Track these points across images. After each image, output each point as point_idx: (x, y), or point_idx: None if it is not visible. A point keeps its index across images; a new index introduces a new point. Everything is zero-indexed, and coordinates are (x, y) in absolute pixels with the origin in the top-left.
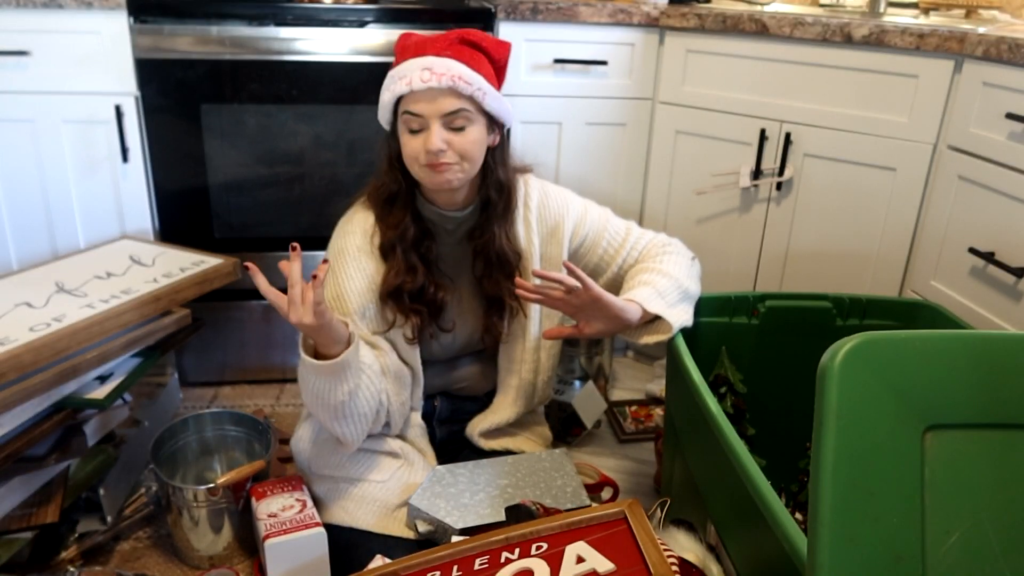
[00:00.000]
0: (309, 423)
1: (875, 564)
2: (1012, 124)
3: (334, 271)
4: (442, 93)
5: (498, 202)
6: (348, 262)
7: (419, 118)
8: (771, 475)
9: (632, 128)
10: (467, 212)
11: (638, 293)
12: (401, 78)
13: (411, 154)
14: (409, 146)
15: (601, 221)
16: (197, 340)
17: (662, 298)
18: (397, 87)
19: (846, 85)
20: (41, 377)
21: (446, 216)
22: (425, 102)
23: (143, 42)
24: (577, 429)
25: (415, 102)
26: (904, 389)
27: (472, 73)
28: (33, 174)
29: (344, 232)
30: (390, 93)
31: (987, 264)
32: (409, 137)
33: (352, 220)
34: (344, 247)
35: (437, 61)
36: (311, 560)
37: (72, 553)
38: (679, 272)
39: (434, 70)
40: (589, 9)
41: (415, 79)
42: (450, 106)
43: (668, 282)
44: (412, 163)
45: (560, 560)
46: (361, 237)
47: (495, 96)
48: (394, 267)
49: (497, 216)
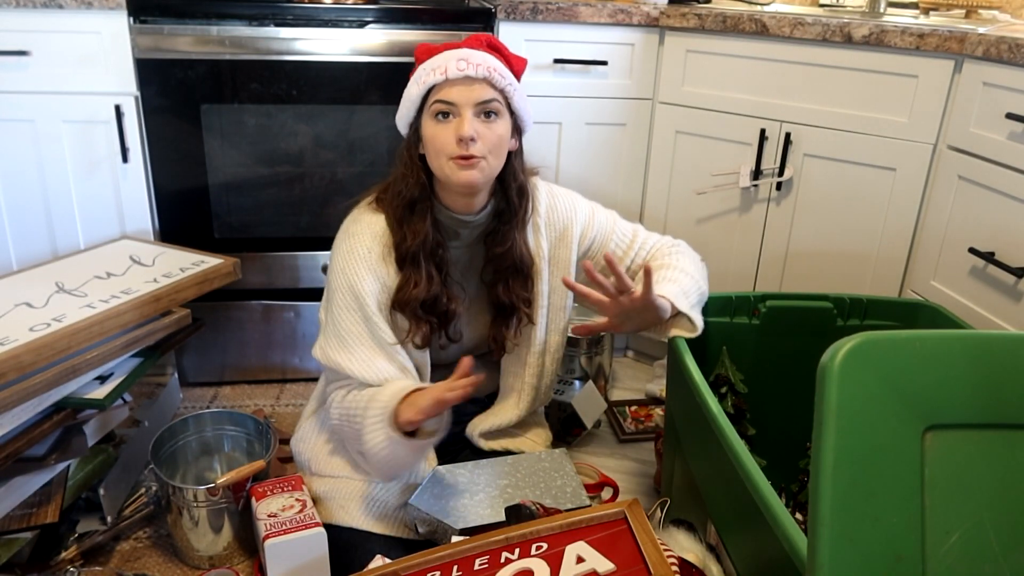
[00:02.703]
0: (309, 423)
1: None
2: (1012, 124)
3: (344, 272)
4: (477, 82)
5: (518, 207)
6: (359, 264)
7: (451, 105)
8: (771, 475)
9: (632, 128)
10: (481, 217)
11: (668, 289)
12: (435, 68)
13: (439, 145)
14: (439, 136)
15: (609, 223)
16: (197, 340)
17: (687, 297)
18: (430, 77)
19: (846, 85)
20: (41, 377)
21: (460, 220)
22: (460, 89)
23: (143, 42)
24: (577, 429)
25: (448, 91)
26: (904, 389)
27: (505, 69)
28: (33, 174)
29: (352, 234)
30: (420, 85)
31: (987, 264)
32: (438, 126)
33: (359, 222)
34: (354, 249)
35: (473, 53)
36: (311, 560)
37: (72, 553)
38: (696, 272)
39: (470, 60)
40: (589, 9)
41: (451, 67)
42: (484, 95)
43: (689, 281)
44: (439, 156)
45: (560, 560)
46: (371, 240)
47: (523, 96)
48: (412, 276)
49: (517, 222)
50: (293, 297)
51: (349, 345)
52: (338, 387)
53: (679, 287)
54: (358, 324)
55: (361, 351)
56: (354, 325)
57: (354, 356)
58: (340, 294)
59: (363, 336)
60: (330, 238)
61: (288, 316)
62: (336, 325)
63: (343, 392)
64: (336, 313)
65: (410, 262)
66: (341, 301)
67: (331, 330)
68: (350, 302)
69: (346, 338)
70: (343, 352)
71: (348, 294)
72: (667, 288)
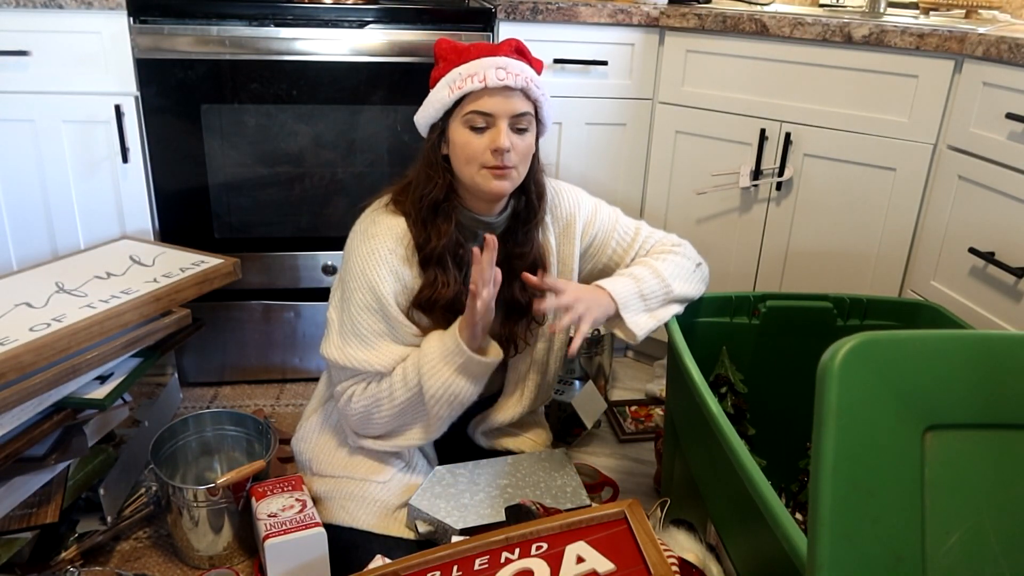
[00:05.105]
0: (309, 423)
1: (875, 564)
2: (1012, 124)
3: (364, 274)
4: (515, 93)
5: (537, 209)
6: (380, 265)
7: (487, 116)
8: (771, 475)
9: (632, 128)
10: (501, 218)
11: (618, 286)
12: (472, 75)
13: (472, 154)
14: (472, 145)
15: (611, 220)
16: (197, 340)
17: (643, 300)
18: (467, 84)
19: (846, 85)
20: (41, 377)
21: (481, 222)
22: (498, 99)
23: (143, 42)
24: (577, 429)
25: (486, 100)
26: (904, 389)
27: (538, 78)
28: (33, 174)
29: (371, 235)
30: (454, 90)
31: (987, 264)
32: (472, 136)
33: (378, 223)
34: (376, 250)
35: (511, 62)
36: (311, 560)
37: (72, 553)
38: (675, 275)
39: (509, 70)
40: (589, 9)
41: (491, 76)
42: (521, 107)
43: (654, 284)
44: (470, 164)
45: (560, 560)
46: (393, 241)
47: (551, 104)
48: (437, 277)
49: (536, 222)
50: (293, 297)
51: (371, 343)
52: (353, 383)
53: (636, 287)
54: (379, 323)
55: (384, 346)
56: (376, 324)
57: (378, 352)
58: (360, 294)
59: (384, 334)
60: (330, 238)
61: (288, 316)
62: (355, 325)
63: (361, 386)
64: (355, 313)
65: (436, 263)
66: (361, 301)
67: (349, 329)
68: (370, 302)
69: (367, 336)
70: (366, 350)
71: (369, 295)
72: (619, 285)
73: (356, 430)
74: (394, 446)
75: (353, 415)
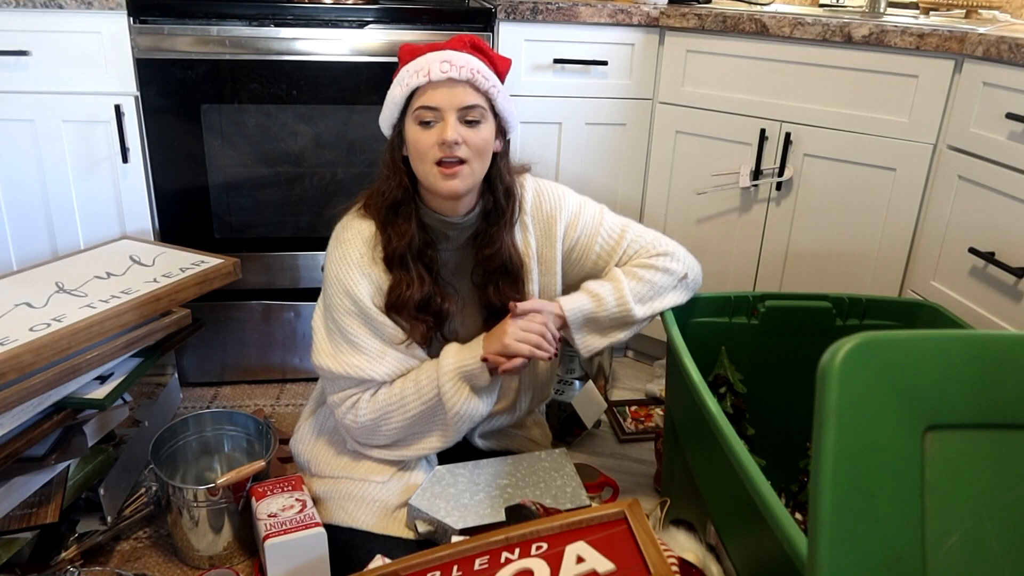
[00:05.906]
0: (308, 424)
1: (875, 564)
2: (1012, 124)
3: (339, 279)
4: (460, 85)
5: (505, 209)
6: (352, 269)
7: (434, 111)
8: (771, 475)
9: (632, 128)
10: (469, 218)
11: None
12: (418, 71)
13: (423, 150)
14: (422, 141)
15: (595, 221)
16: (197, 340)
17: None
18: (413, 80)
19: (846, 85)
20: (41, 377)
21: (448, 223)
22: (443, 92)
23: (143, 42)
24: (577, 429)
25: (432, 94)
26: (904, 389)
27: (488, 71)
28: (33, 174)
29: (343, 240)
30: (403, 88)
31: (987, 264)
32: (421, 132)
33: (349, 228)
34: (346, 255)
35: (456, 55)
36: (311, 560)
37: (72, 553)
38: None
39: (453, 62)
40: (589, 9)
41: (434, 70)
42: (468, 99)
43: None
44: (423, 161)
45: (560, 560)
46: (362, 244)
47: (507, 97)
48: (401, 278)
49: (504, 224)
50: (293, 297)
51: (362, 347)
52: (354, 392)
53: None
54: (363, 326)
55: (376, 349)
56: (359, 327)
57: (371, 355)
58: (339, 300)
59: (370, 335)
60: (329, 238)
61: (288, 316)
62: (343, 331)
63: (367, 395)
64: (340, 320)
65: (398, 264)
66: (342, 307)
67: (338, 336)
68: (349, 307)
69: (357, 341)
70: (358, 355)
71: (347, 299)
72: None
73: (359, 439)
74: (401, 456)
75: (357, 426)
